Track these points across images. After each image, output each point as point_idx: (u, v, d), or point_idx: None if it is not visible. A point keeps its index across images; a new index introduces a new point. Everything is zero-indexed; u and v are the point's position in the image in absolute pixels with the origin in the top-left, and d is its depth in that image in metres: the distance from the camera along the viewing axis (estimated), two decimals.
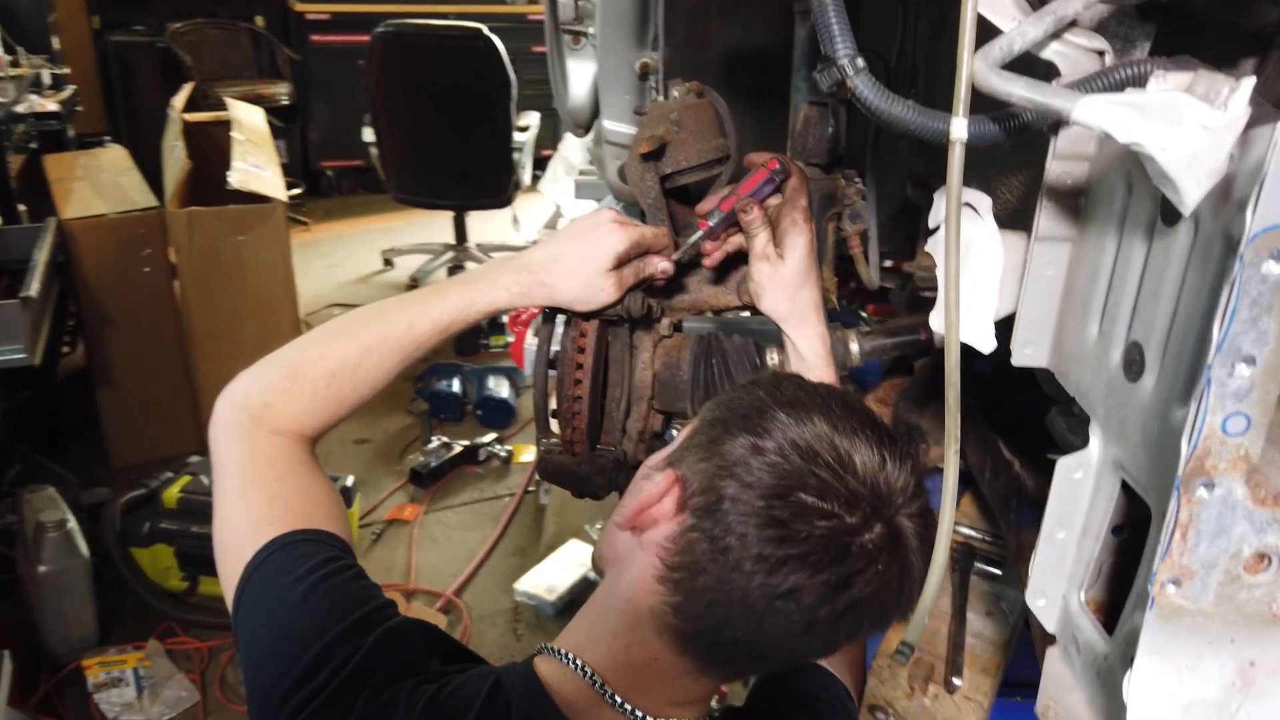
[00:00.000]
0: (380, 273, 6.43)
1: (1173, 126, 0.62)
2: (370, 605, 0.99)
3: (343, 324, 1.23)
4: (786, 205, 1.34)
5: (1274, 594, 0.67)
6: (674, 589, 0.93)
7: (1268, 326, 0.59)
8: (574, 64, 2.29)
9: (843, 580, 0.88)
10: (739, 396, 1.01)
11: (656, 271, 1.35)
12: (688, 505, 0.93)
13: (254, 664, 0.98)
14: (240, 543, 1.04)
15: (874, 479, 0.90)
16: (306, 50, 7.31)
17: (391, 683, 0.92)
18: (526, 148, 5.79)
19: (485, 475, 4.11)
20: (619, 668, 0.98)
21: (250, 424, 1.12)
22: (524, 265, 1.29)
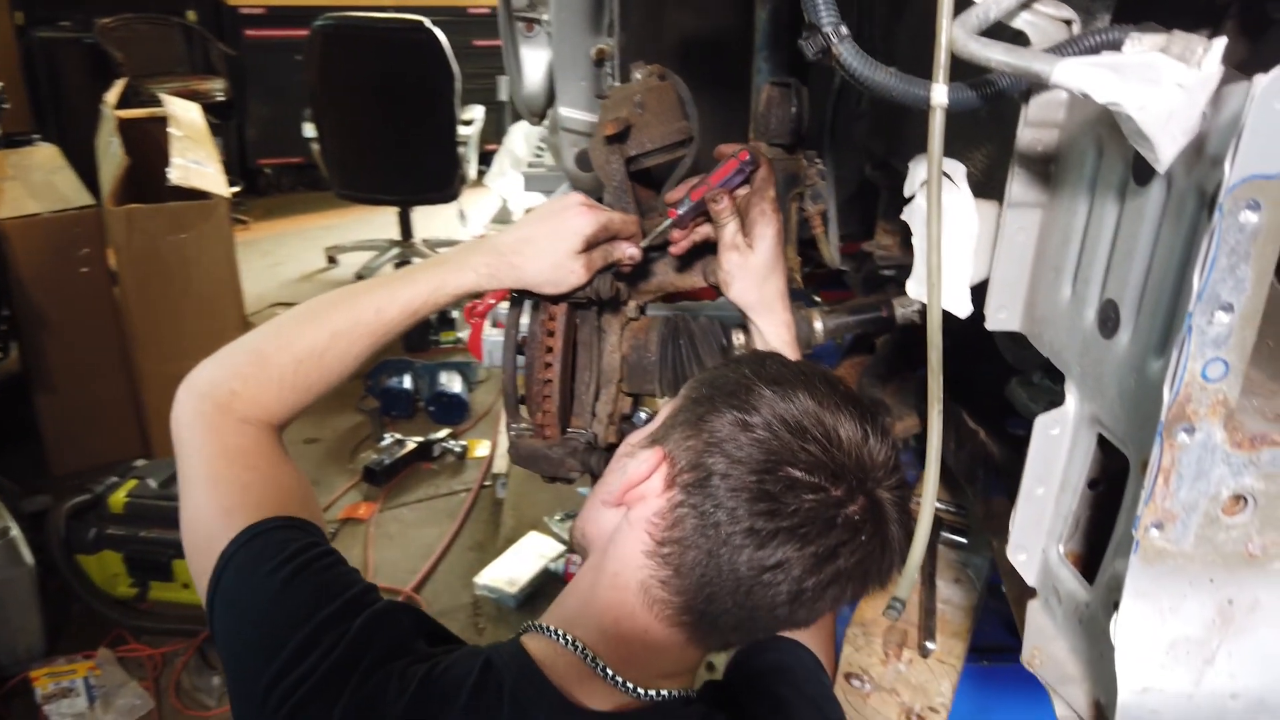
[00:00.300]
0: (324, 270, 6.33)
1: (1150, 86, 0.65)
2: (355, 589, 0.99)
3: (309, 309, 1.21)
4: (755, 196, 1.36)
5: (1249, 534, 0.70)
6: (663, 563, 0.95)
7: (1245, 274, 0.62)
8: (528, 52, 2.28)
9: (829, 551, 0.91)
10: (723, 374, 1.04)
11: (624, 257, 1.36)
12: (676, 481, 0.95)
13: (236, 653, 0.97)
14: (212, 533, 1.02)
15: (858, 453, 0.93)
16: (241, 45, 7.15)
17: (381, 665, 0.92)
18: (471, 141, 5.75)
19: (440, 471, 4.08)
20: (609, 641, 0.99)
21: (216, 412, 1.11)
22: (492, 247, 1.29)
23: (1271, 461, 0.68)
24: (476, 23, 7.65)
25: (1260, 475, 0.68)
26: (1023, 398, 1.39)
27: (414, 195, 5.92)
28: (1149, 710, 0.70)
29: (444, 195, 5.79)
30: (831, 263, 1.61)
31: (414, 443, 4.09)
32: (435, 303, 1.25)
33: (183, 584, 3.12)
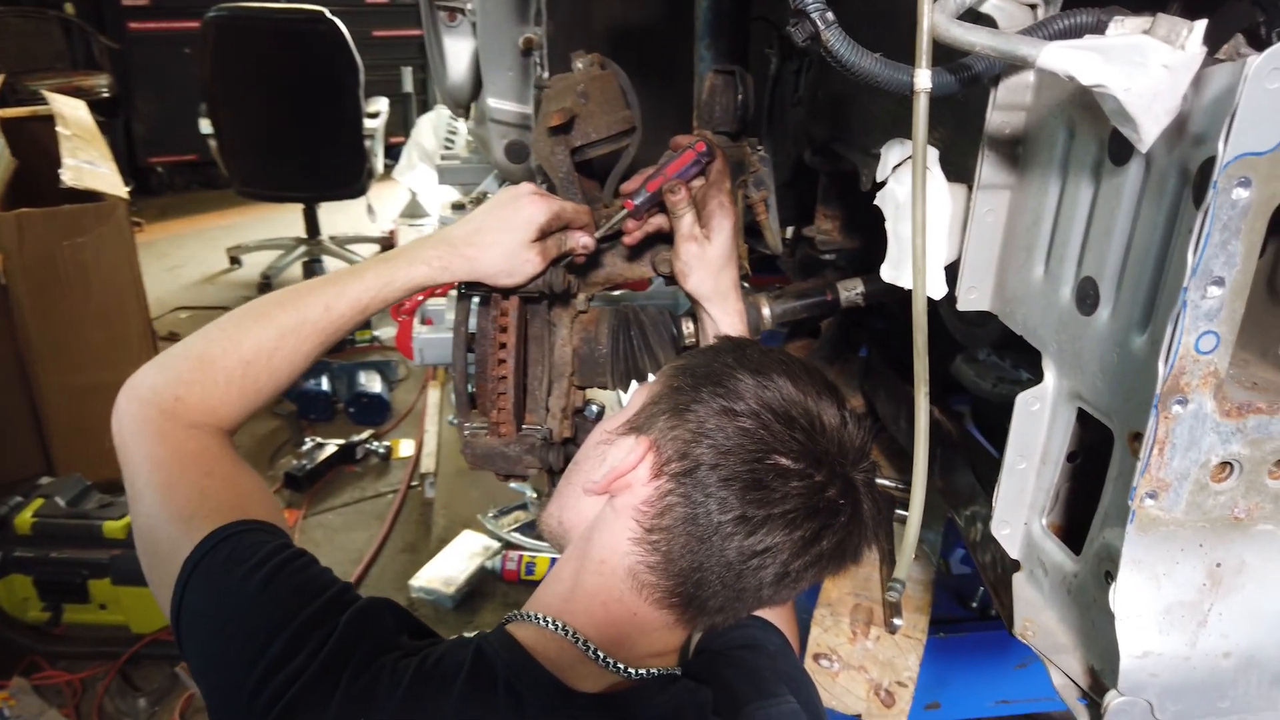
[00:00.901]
0: (227, 271, 6.12)
1: (1136, 67, 0.66)
2: (335, 588, 0.98)
3: (254, 309, 1.18)
4: (712, 188, 1.37)
5: (1235, 499, 0.73)
6: (651, 550, 0.97)
7: (1236, 249, 0.64)
8: (450, 42, 2.23)
9: (814, 534, 0.95)
10: (703, 361, 1.05)
11: (578, 246, 1.34)
12: (664, 470, 0.97)
13: (211, 660, 0.95)
14: (172, 540, 0.99)
15: (837, 437, 0.97)
16: (125, 38, 6.85)
17: (373, 660, 0.91)
18: (377, 134, 5.62)
19: (364, 473, 3.99)
20: (599, 625, 1.00)
21: (162, 419, 1.08)
22: (444, 239, 1.26)
23: (1256, 428, 0.70)
24: (375, 12, 7.48)
25: (1246, 442, 0.71)
26: (969, 375, 1.42)
27: (319, 191, 5.76)
28: (1149, 674, 0.73)
29: (351, 191, 5.65)
30: (775, 249, 1.62)
31: (335, 445, 3.99)
32: (385, 298, 1.22)
33: (99, 605, 2.98)
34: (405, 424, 4.36)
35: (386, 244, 6.22)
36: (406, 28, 7.51)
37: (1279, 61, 0.58)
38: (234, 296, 5.71)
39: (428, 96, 7.30)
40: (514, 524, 3.42)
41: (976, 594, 1.71)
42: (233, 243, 6.23)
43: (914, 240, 0.80)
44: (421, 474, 3.78)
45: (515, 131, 2.12)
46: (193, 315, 5.40)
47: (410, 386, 4.63)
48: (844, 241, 1.74)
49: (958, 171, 0.96)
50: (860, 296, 1.62)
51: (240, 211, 6.87)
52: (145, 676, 2.91)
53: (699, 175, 1.36)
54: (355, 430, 4.17)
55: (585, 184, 1.51)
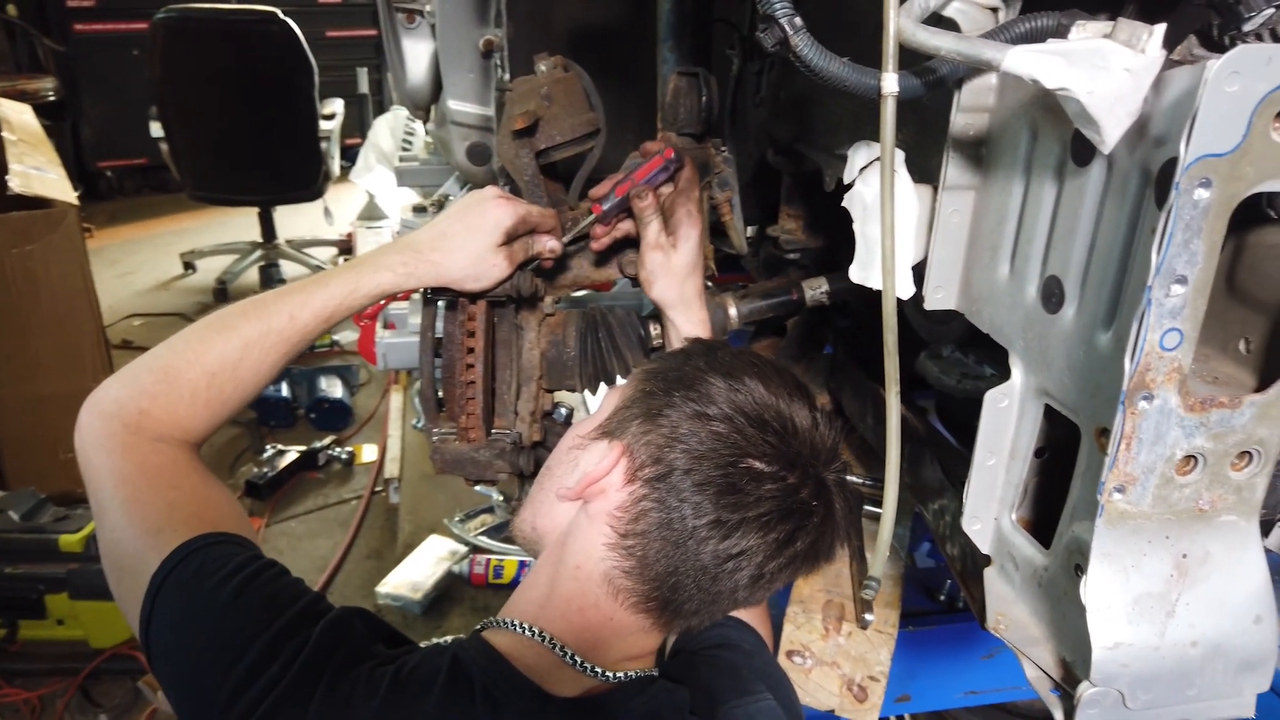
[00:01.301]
0: (181, 277, 6.02)
1: (1098, 71, 0.68)
2: (307, 598, 0.97)
3: (218, 320, 1.17)
4: (680, 196, 1.37)
5: (1200, 491, 0.75)
6: (626, 555, 0.97)
7: (1198, 248, 0.66)
8: (410, 44, 2.21)
9: (788, 536, 0.95)
10: (674, 365, 1.05)
11: (545, 250, 1.34)
12: (638, 475, 0.97)
13: (183, 674, 0.94)
14: (140, 554, 0.99)
15: (809, 438, 0.97)
16: (70, 40, 6.71)
17: (348, 669, 0.91)
18: (333, 136, 5.55)
19: (327, 480, 3.94)
20: (575, 630, 1.00)
21: (126, 434, 1.06)
22: (409, 244, 1.26)
23: (1219, 422, 0.72)
24: (328, 13, 7.40)
25: (1209, 435, 0.72)
26: (933, 371, 1.44)
27: (275, 194, 5.69)
28: (1120, 665, 0.74)
29: (307, 193, 5.59)
30: (740, 249, 1.63)
31: (297, 452, 3.94)
32: (350, 305, 1.21)
33: (57, 620, 2.92)
34: (368, 429, 4.32)
35: (344, 247, 6.16)
36: (361, 28, 7.44)
37: (1237, 65, 0.60)
38: (189, 303, 5.62)
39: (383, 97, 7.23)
40: (481, 528, 3.41)
41: (944, 587, 1.73)
42: (186, 248, 6.13)
43: (883, 242, 0.81)
44: (386, 479, 3.74)
45: (477, 133, 2.11)
46: (147, 322, 5.30)
47: (372, 391, 4.59)
48: (808, 240, 1.75)
49: (921, 172, 0.97)
50: (825, 295, 1.63)
51: (193, 216, 6.76)
52: (106, 692, 2.86)
53: (667, 182, 1.37)
54: (317, 436, 4.13)
55: (550, 186, 1.51)
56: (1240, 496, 0.75)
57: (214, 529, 1.01)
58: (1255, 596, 0.76)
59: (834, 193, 1.37)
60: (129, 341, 4.94)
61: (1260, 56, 0.60)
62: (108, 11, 6.73)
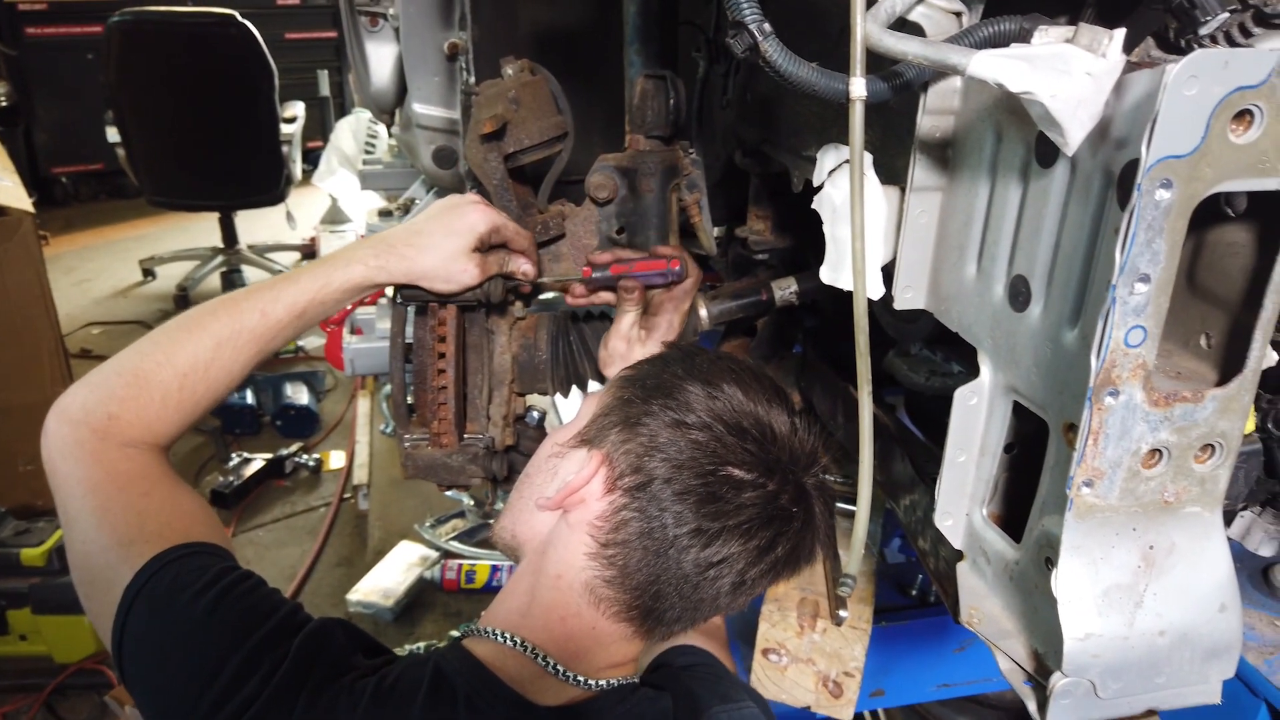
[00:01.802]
0: (141, 284, 5.94)
1: (1061, 75, 0.69)
2: (285, 610, 0.96)
3: (187, 320, 1.15)
4: (670, 302, 1.41)
5: (1165, 484, 0.76)
6: (608, 564, 0.97)
7: (1160, 247, 0.67)
8: (373, 47, 2.20)
9: (769, 542, 0.96)
10: (652, 372, 1.05)
11: (519, 272, 1.36)
12: (618, 485, 0.97)
13: (158, 689, 0.93)
14: (111, 566, 0.97)
15: (788, 444, 0.98)
16: (22, 44, 6.58)
17: (329, 681, 0.90)
18: (294, 140, 5.50)
19: (295, 488, 3.91)
20: (557, 640, 1.00)
21: (95, 440, 1.04)
22: (381, 239, 1.26)
23: (1182, 416, 0.74)
24: (287, 15, 7.33)
25: (1173, 429, 0.74)
26: (902, 369, 1.46)
27: (236, 199, 5.63)
28: (1091, 655, 0.76)
29: (269, 198, 5.53)
30: (709, 250, 1.64)
31: (263, 460, 3.91)
32: (322, 300, 1.20)
33: (19, 635, 2.87)
34: (335, 435, 4.29)
35: (307, 251, 6.11)
36: (320, 30, 7.37)
37: (1195, 69, 0.61)
38: (149, 310, 5.54)
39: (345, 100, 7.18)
40: (452, 533, 3.40)
41: (915, 582, 1.75)
42: (145, 254, 6.05)
43: (853, 244, 0.82)
44: (354, 486, 3.72)
45: (443, 137, 2.10)
46: (106, 330, 5.22)
47: (339, 397, 4.56)
48: (776, 241, 1.76)
49: (887, 173, 0.99)
50: (794, 295, 1.64)
51: (152, 222, 6.67)
52: (72, 708, 2.82)
53: (663, 287, 1.41)
54: (283, 444, 4.09)
55: (519, 190, 1.51)
56: (1204, 488, 0.77)
57: (187, 539, 0.99)
58: (1220, 586, 0.78)
59: (801, 194, 1.38)
60: (88, 350, 4.86)
61: (1217, 60, 0.61)
62: (60, 15, 6.62)
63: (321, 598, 3.27)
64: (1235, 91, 0.62)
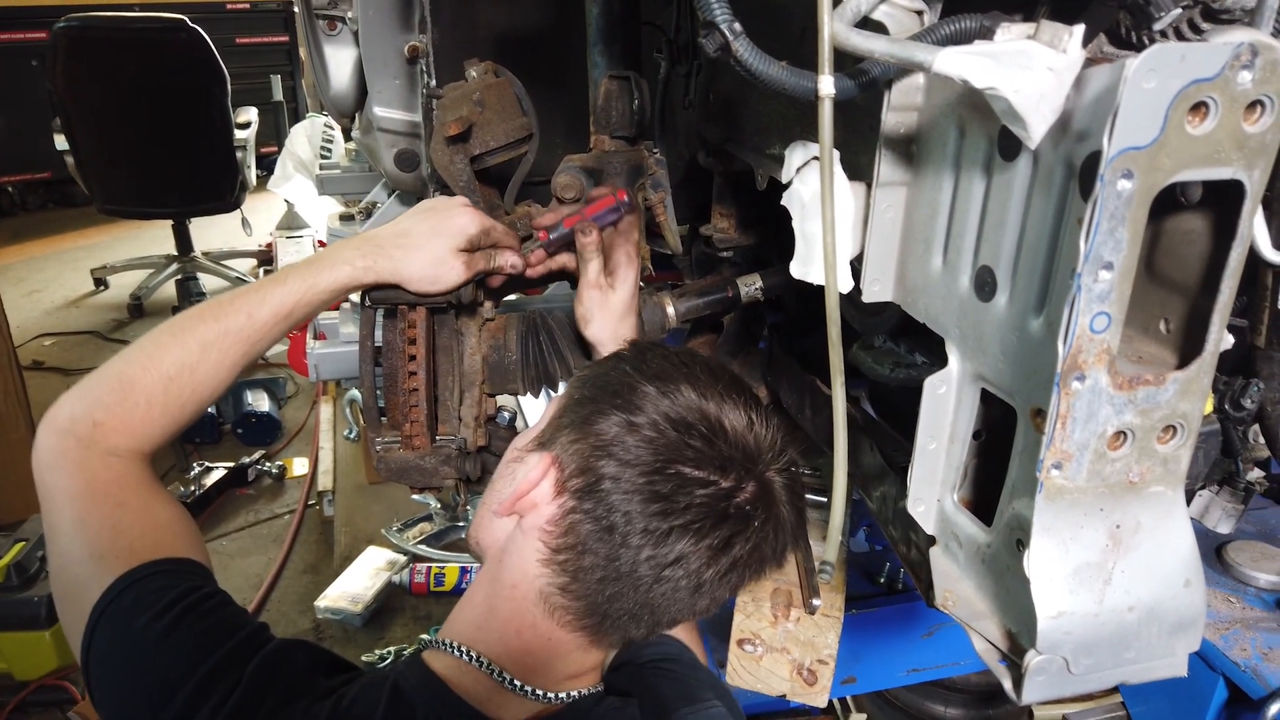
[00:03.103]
0: (93, 294, 5.83)
1: (1023, 70, 0.71)
2: (243, 633, 0.95)
3: (173, 325, 1.15)
4: (620, 238, 1.39)
5: (1130, 465, 0.79)
6: (560, 570, 0.95)
7: (1122, 235, 0.70)
8: (332, 51, 2.19)
9: (725, 542, 0.94)
10: (605, 373, 1.03)
11: (506, 266, 1.36)
12: (566, 487, 0.95)
13: (117, 712, 0.92)
14: (83, 581, 0.97)
15: (743, 440, 0.96)
16: None
17: (283, 707, 0.89)
18: (249, 145, 5.44)
19: (258, 496, 3.87)
20: (513, 653, 0.99)
21: (79, 449, 1.04)
22: (368, 239, 1.25)
23: (1145, 398, 0.77)
24: (238, 19, 7.23)
25: (1137, 412, 0.77)
26: (867, 361, 1.48)
27: (190, 206, 5.55)
28: (1063, 632, 0.78)
29: (223, 204, 5.46)
30: (675, 249, 1.66)
31: (224, 469, 3.86)
32: (310, 302, 1.20)
33: None
34: (298, 441, 4.24)
35: (264, 258, 6.04)
36: (272, 34, 7.29)
37: (1154, 64, 0.64)
38: (102, 320, 5.45)
39: (299, 105, 7.10)
40: (419, 536, 3.38)
41: (883, 570, 1.78)
42: (97, 263, 5.94)
43: (824, 239, 0.84)
44: (319, 492, 3.69)
45: (404, 140, 2.09)
46: (58, 342, 5.13)
47: (300, 403, 4.51)
48: (740, 238, 1.78)
49: (851, 169, 1.00)
50: (759, 291, 1.66)
51: (103, 230, 6.55)
52: None
53: (614, 223, 1.40)
54: (245, 451, 4.05)
55: (485, 191, 1.51)
56: (1167, 468, 0.80)
57: (157, 554, 0.98)
58: (1184, 561, 0.81)
59: (765, 191, 1.40)
60: (40, 362, 4.77)
61: (1174, 54, 0.64)
62: (3, 21, 6.48)
63: (289, 605, 3.24)
64: (1192, 84, 0.65)
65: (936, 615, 1.76)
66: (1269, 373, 1.10)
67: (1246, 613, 1.43)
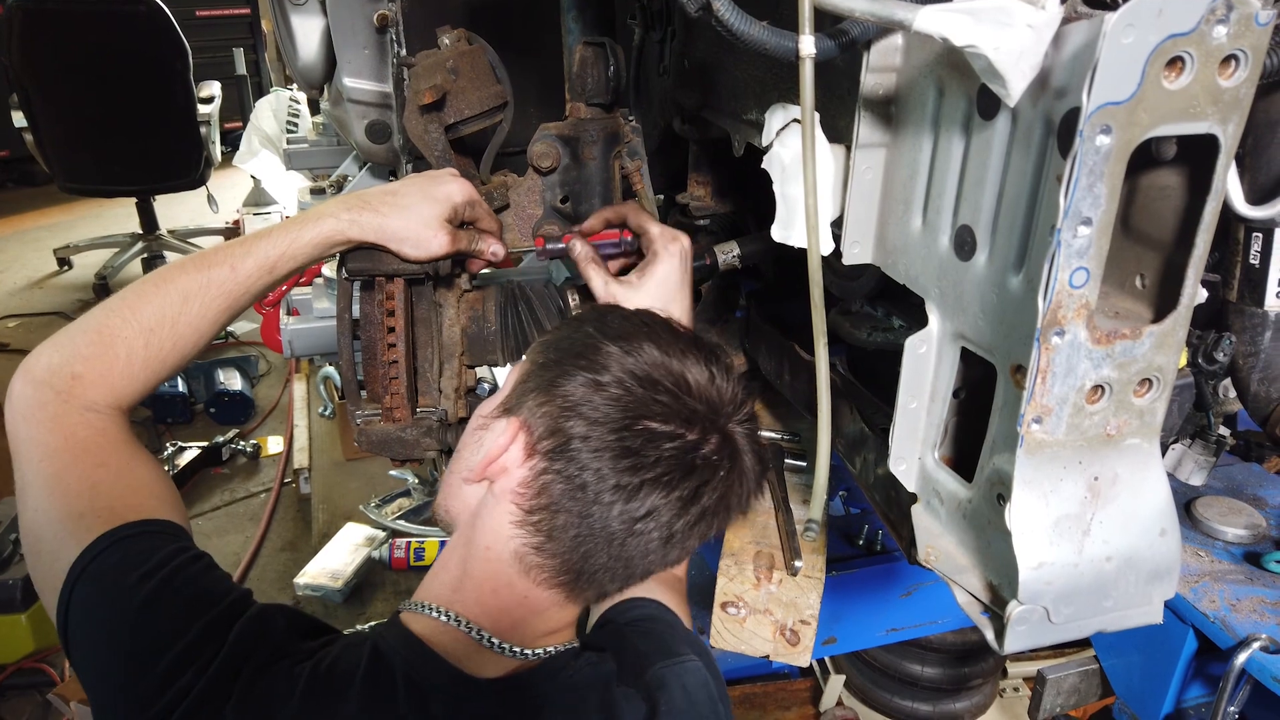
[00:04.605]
0: (57, 274, 5.74)
1: (1003, 28, 0.72)
2: (230, 597, 0.95)
3: (155, 276, 1.13)
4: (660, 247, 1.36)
5: (1107, 418, 0.80)
6: (534, 530, 0.97)
7: (1100, 191, 0.71)
8: (299, 21, 2.15)
9: (693, 493, 0.96)
10: (567, 335, 1.04)
11: (488, 253, 1.36)
12: (536, 449, 0.96)
13: (100, 672, 0.92)
14: (59, 539, 0.96)
15: (706, 394, 0.98)
16: None
17: (266, 669, 0.90)
18: (212, 120, 5.35)
19: (233, 475, 3.85)
20: (490, 612, 1.00)
21: (57, 402, 1.02)
22: (356, 195, 1.25)
23: (1122, 352, 0.78)
24: None
25: (1114, 365, 0.78)
26: (845, 326, 1.50)
27: (153, 183, 5.47)
28: (1044, 583, 0.80)
29: (188, 181, 5.38)
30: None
31: (198, 448, 3.83)
32: (294, 255, 1.18)
33: None
34: (272, 420, 4.22)
35: (231, 234, 5.96)
36: (233, 6, 7.16)
37: (1132, 18, 0.64)
38: (67, 300, 5.37)
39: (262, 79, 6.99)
40: (398, 511, 3.38)
41: (861, 532, 1.80)
42: (60, 243, 5.84)
43: (806, 201, 0.85)
44: (295, 470, 3.67)
45: (375, 111, 2.07)
46: (22, 323, 5.05)
47: (273, 381, 4.48)
48: (716, 206, 1.79)
49: (830, 131, 1.01)
50: (736, 259, 1.67)
51: (66, 209, 6.43)
52: (13, 709, 2.75)
53: (619, 257, 1.42)
54: (218, 431, 4.01)
55: (461, 162, 1.50)
56: (1143, 421, 0.82)
57: (139, 515, 0.98)
58: (1160, 511, 0.83)
59: (742, 158, 1.40)
60: (4, 344, 4.69)
61: (1152, 9, 0.64)
62: None
63: (268, 583, 3.23)
64: (1168, 39, 0.65)
65: (915, 575, 1.79)
66: (1241, 326, 1.12)
67: (1215, 566, 1.46)
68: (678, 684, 1.06)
